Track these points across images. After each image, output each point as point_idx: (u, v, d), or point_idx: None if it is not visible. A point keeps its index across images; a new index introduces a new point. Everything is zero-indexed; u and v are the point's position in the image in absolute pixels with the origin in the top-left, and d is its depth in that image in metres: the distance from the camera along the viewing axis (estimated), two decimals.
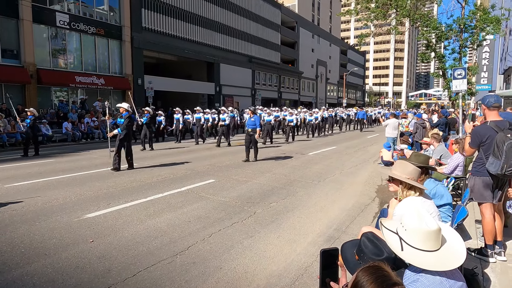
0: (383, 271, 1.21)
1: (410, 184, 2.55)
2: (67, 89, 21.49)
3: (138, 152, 12.87)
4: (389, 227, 1.59)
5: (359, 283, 1.21)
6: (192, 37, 30.40)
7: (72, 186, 7.31)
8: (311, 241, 4.49)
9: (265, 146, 15.48)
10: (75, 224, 4.94)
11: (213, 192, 6.97)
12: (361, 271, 1.25)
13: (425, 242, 1.43)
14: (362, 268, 1.26)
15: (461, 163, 5.88)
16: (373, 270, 1.22)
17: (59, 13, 20.55)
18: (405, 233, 1.47)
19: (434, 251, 1.43)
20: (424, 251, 1.42)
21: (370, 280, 1.19)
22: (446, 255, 1.44)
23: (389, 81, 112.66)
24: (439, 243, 1.45)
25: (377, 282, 1.17)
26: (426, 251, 1.43)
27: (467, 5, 17.35)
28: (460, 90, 9.23)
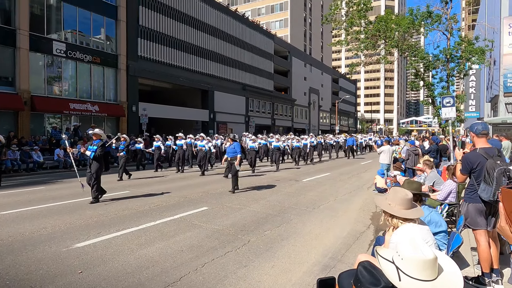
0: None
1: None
2: (60, 116, 21.48)
3: (127, 180, 12.74)
4: (385, 256, 1.58)
5: None
6: (187, 66, 31.00)
7: (62, 214, 7.14)
8: (306, 271, 4.40)
9: (255, 174, 15.43)
10: (64, 254, 4.79)
11: (206, 220, 6.86)
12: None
13: (422, 272, 1.41)
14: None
15: (454, 189, 5.91)
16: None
17: (56, 41, 20.91)
18: (402, 262, 1.46)
19: (431, 280, 1.42)
20: (422, 281, 1.41)
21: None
22: (443, 285, 1.42)
23: (380, 109, 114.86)
24: (436, 272, 1.43)
25: None
26: (424, 281, 1.41)
27: (452, 37, 18.10)
28: (449, 118, 9.44)
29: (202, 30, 32.94)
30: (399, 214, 2.48)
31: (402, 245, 1.50)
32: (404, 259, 1.45)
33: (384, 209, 2.57)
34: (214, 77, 34.33)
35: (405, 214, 2.48)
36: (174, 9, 29.69)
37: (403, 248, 1.48)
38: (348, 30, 19.80)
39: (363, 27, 19.41)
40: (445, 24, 18.17)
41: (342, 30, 20.64)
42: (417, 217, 2.51)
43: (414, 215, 2.49)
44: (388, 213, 2.53)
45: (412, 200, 2.58)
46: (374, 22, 19.20)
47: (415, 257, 1.42)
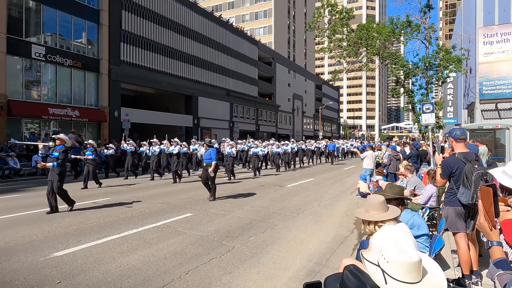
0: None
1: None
2: (39, 121, 20.88)
3: (109, 187, 12.47)
4: (370, 259, 1.59)
5: None
6: (170, 71, 30.76)
7: (40, 222, 6.90)
8: (291, 276, 4.39)
9: (237, 180, 15.39)
10: (41, 264, 4.62)
11: (190, 226, 6.76)
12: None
13: (407, 274, 1.43)
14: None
15: (434, 193, 6.05)
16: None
17: (35, 45, 20.39)
18: (387, 265, 1.47)
19: (416, 283, 1.44)
20: (407, 283, 1.43)
21: None
22: (428, 287, 1.44)
23: (363, 115, 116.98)
24: (420, 274, 1.45)
25: None
26: (409, 283, 1.43)
27: (430, 45, 18.68)
28: (429, 124, 9.69)
29: (186, 35, 32.82)
30: (375, 218, 2.55)
31: (388, 248, 1.51)
32: (390, 262, 1.46)
33: (361, 217, 2.64)
34: (198, 83, 34.19)
35: (382, 217, 2.55)
36: (157, 14, 29.50)
37: (389, 251, 1.49)
38: (330, 37, 20.14)
39: (346, 35, 19.80)
40: (424, 33, 18.74)
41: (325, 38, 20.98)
42: (394, 216, 2.57)
43: (390, 215, 2.56)
44: (365, 220, 2.59)
45: (385, 203, 2.65)
46: (356, 30, 19.62)
47: (401, 260, 1.44)
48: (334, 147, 25.80)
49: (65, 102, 22.18)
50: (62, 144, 8.03)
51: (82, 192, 11.10)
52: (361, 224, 2.75)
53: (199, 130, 33.91)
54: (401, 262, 1.44)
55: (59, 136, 8.21)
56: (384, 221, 2.53)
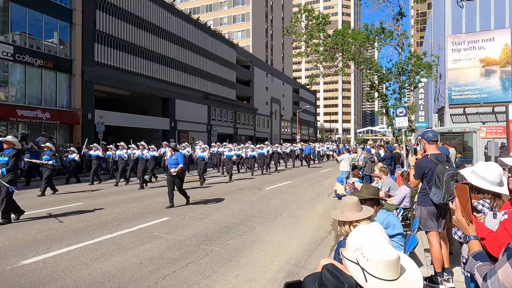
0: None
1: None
2: (6, 123, 19.93)
3: (77, 192, 12.05)
4: (349, 257, 1.61)
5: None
6: (147, 73, 30.23)
7: (6, 229, 6.56)
8: (270, 278, 4.39)
9: (210, 184, 15.28)
10: (8, 273, 4.38)
11: (167, 230, 6.63)
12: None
13: (386, 272, 1.46)
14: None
15: (408, 194, 6.24)
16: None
17: (3, 44, 19.49)
18: (367, 263, 1.50)
19: (394, 280, 1.47)
20: (386, 281, 1.45)
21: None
22: (406, 284, 1.48)
23: (339, 119, 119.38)
24: (398, 271, 1.49)
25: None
26: (388, 281, 1.46)
27: (403, 52, 19.35)
28: (402, 127, 10.01)
29: (163, 37, 32.39)
30: (350, 218, 2.61)
31: (366, 246, 1.54)
32: (370, 260, 1.49)
33: (337, 218, 2.69)
34: (175, 85, 33.77)
35: (356, 216, 2.61)
36: (133, 14, 28.97)
37: (368, 250, 1.52)
38: (307, 42, 20.49)
39: (322, 40, 20.19)
40: (397, 39, 19.40)
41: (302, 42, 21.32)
42: (367, 216, 2.63)
43: (364, 215, 2.63)
44: (341, 220, 2.64)
45: (359, 203, 2.71)
46: (332, 36, 20.06)
47: (380, 258, 1.47)
48: (310, 150, 25.51)
49: (35, 104, 21.31)
50: (12, 148, 7.26)
51: (53, 197, 10.66)
52: (338, 226, 2.79)
53: (176, 133, 33.45)
54: (380, 260, 1.47)
55: (6, 139, 7.42)
56: (358, 220, 2.59)
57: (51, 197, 10.60)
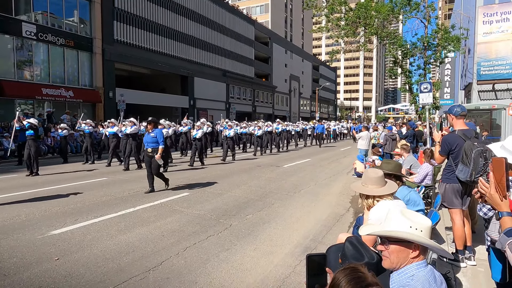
0: (359, 272, 1.24)
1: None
2: (32, 102, 20.58)
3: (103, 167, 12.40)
4: (397, 228, 1.60)
5: (336, 283, 1.23)
6: (166, 51, 30.21)
7: (37, 201, 6.89)
8: (288, 252, 4.44)
9: (229, 162, 15.38)
10: (39, 242, 4.63)
11: (187, 205, 6.79)
12: (338, 272, 1.28)
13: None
14: (340, 270, 1.29)
15: (430, 172, 6.09)
16: (349, 271, 1.25)
17: (26, 23, 19.83)
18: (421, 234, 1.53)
19: None
20: None
21: (345, 280, 1.22)
22: None
23: (359, 96, 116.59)
24: None
25: (351, 282, 1.20)
26: None
27: (430, 25, 18.41)
28: (426, 103, 9.66)
29: (181, 14, 32.06)
30: (373, 192, 2.54)
31: (395, 219, 1.54)
32: (423, 230, 1.54)
33: (359, 191, 2.62)
34: (194, 63, 33.68)
35: (379, 191, 2.53)
36: None
37: (396, 222, 1.53)
38: (328, 16, 19.76)
39: (344, 14, 19.43)
40: (423, 12, 18.43)
41: (323, 17, 20.60)
42: (391, 191, 2.56)
43: (388, 191, 2.55)
44: (363, 194, 2.58)
45: (384, 178, 2.63)
46: (355, 9, 19.25)
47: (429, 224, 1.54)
48: (323, 129, 23.87)
49: (58, 83, 21.82)
50: None
51: (78, 173, 11.07)
52: (359, 199, 2.73)
53: (195, 111, 33.66)
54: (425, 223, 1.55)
55: None
56: (381, 196, 2.52)
57: (77, 173, 11.01)
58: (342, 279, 1.22)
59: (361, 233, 1.80)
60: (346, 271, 1.24)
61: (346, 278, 1.21)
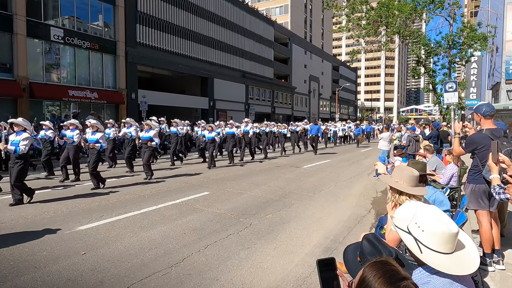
0: (391, 266, 1.17)
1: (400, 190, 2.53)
2: (59, 103, 21.36)
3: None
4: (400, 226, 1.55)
5: (366, 278, 1.16)
6: (186, 52, 30.68)
7: (64, 198, 7.15)
8: (308, 252, 4.43)
9: (248, 161, 15.40)
10: (67, 237, 4.81)
11: (208, 204, 6.88)
12: (367, 266, 1.20)
13: (443, 245, 1.39)
14: (369, 264, 1.21)
15: (455, 173, 5.92)
16: (380, 265, 1.17)
17: (54, 27, 20.63)
18: (422, 234, 1.43)
19: (450, 253, 1.40)
20: (442, 254, 1.39)
21: (378, 275, 1.14)
22: (462, 259, 1.41)
23: (381, 97, 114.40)
24: (454, 246, 1.41)
25: (385, 276, 1.12)
26: (443, 254, 1.39)
27: (455, 23, 17.89)
28: (451, 103, 9.38)
29: (201, 16, 32.49)
30: (408, 190, 2.48)
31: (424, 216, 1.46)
32: (426, 231, 1.42)
33: (392, 185, 2.56)
34: (214, 64, 34.03)
35: (412, 191, 2.47)
36: None
37: (425, 220, 1.44)
38: (349, 16, 19.55)
39: (365, 13, 19.16)
40: (448, 9, 17.95)
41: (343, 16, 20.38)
42: (423, 194, 2.50)
43: (420, 192, 2.49)
44: (396, 189, 2.52)
45: (418, 178, 2.57)
46: (376, 8, 18.95)
47: (440, 231, 1.39)
48: (318, 130, 18.78)
49: (84, 84, 22.56)
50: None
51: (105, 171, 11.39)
52: (388, 193, 2.67)
53: (214, 112, 34.00)
54: (438, 232, 1.39)
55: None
56: (414, 195, 2.47)
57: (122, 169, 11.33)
58: (373, 273, 1.14)
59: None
60: (376, 265, 1.17)
61: (378, 272, 1.14)
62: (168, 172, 11.27)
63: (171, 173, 10.89)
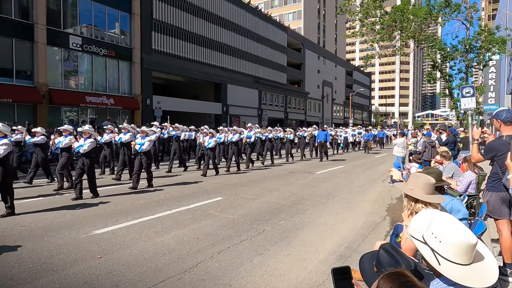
0: (406, 277, 1.15)
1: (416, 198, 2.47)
2: (77, 109, 21.89)
3: None
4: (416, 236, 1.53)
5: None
6: (200, 59, 31.05)
7: (81, 203, 7.30)
8: (322, 259, 4.38)
9: (261, 167, 15.37)
10: (83, 240, 4.91)
11: (221, 209, 6.90)
12: (382, 278, 1.19)
13: (461, 256, 1.35)
14: (384, 276, 1.20)
15: (473, 180, 5.77)
16: (396, 276, 1.16)
17: (72, 35, 21.22)
18: (439, 245, 1.40)
19: (468, 265, 1.37)
20: (460, 265, 1.36)
21: (393, 287, 1.13)
22: (481, 270, 1.37)
23: (395, 102, 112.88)
24: (472, 257, 1.38)
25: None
26: (462, 265, 1.36)
27: (472, 26, 17.58)
28: (468, 108, 9.19)
29: (215, 23, 32.87)
30: (424, 198, 2.42)
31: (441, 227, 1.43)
32: (443, 242, 1.39)
33: (407, 193, 2.51)
34: (227, 70, 34.31)
35: (428, 198, 2.41)
36: (187, 2, 29.68)
37: (442, 230, 1.41)
38: (363, 21, 19.45)
39: (379, 18, 19.03)
40: (465, 13, 17.65)
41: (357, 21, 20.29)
42: (439, 202, 2.44)
43: (437, 200, 2.43)
44: (412, 197, 2.48)
45: (434, 187, 2.51)
46: (390, 13, 18.81)
47: (458, 242, 1.36)
48: (327, 136, 17.25)
49: (100, 91, 23.07)
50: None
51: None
52: (404, 201, 2.62)
53: (228, 118, 34.18)
54: (457, 243, 1.36)
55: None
56: (431, 203, 2.42)
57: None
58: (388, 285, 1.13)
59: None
60: (392, 277, 1.16)
61: (394, 284, 1.12)
62: (181, 177, 11.35)
63: (184, 179, 10.96)
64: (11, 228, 5.42)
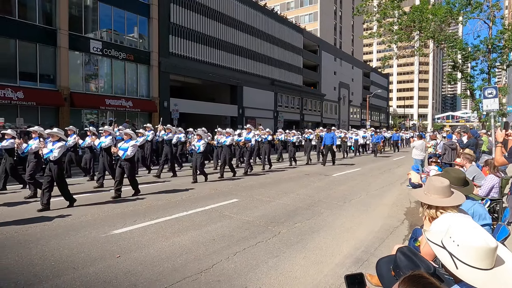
0: (427, 279, 1.14)
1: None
2: (97, 112, 22.45)
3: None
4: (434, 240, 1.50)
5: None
6: (216, 61, 31.31)
7: (100, 203, 7.48)
8: (338, 263, 4.34)
9: (277, 169, 15.31)
10: (103, 240, 5.02)
11: (237, 211, 6.93)
12: (402, 281, 1.17)
13: (481, 261, 1.31)
14: (404, 279, 1.18)
15: (496, 184, 5.59)
16: (417, 278, 1.14)
17: (93, 40, 21.81)
18: (457, 249, 1.36)
19: (489, 269, 1.33)
20: (479, 269, 1.32)
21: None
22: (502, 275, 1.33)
23: (414, 103, 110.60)
24: (493, 261, 1.34)
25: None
26: (481, 270, 1.32)
27: (494, 25, 17.06)
28: (491, 110, 8.92)
29: (231, 25, 33.10)
30: (436, 203, 2.33)
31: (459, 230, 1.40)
32: (462, 246, 1.35)
33: (420, 199, 2.45)
34: (243, 73, 34.46)
35: (443, 202, 2.32)
36: (204, 5, 30.03)
37: (461, 234, 1.38)
38: (380, 21, 19.19)
39: (397, 18, 18.72)
40: (487, 12, 17.15)
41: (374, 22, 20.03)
42: (457, 203, 2.35)
43: (453, 202, 2.33)
44: (425, 203, 2.41)
45: (449, 188, 2.43)
46: (409, 13, 18.47)
47: (477, 245, 1.32)
48: (334, 139, 16.17)
49: (119, 94, 23.59)
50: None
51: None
52: (420, 207, 2.57)
53: (244, 120, 34.30)
54: (476, 247, 1.32)
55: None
56: (445, 207, 2.35)
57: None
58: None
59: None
60: (412, 280, 1.14)
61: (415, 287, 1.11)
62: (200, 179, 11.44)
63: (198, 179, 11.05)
64: (34, 227, 5.60)
